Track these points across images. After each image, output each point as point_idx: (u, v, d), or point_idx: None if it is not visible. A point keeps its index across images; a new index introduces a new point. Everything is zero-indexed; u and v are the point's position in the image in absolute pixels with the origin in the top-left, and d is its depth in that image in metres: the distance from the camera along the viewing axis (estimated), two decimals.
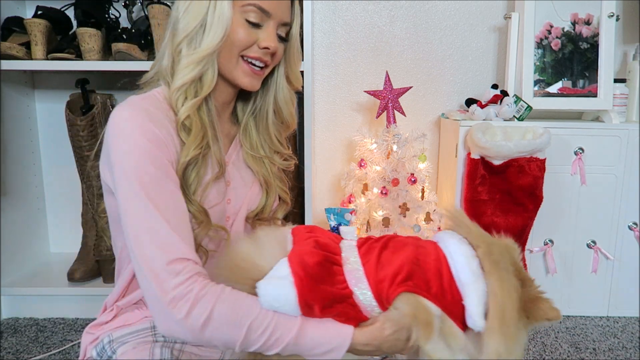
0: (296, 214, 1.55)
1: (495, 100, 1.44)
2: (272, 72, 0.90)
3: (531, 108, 1.41)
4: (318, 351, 0.71)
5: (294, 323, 0.70)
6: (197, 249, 0.77)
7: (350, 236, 0.79)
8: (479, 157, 1.36)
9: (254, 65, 0.82)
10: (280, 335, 0.69)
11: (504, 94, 1.46)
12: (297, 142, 1.59)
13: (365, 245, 0.76)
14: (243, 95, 0.94)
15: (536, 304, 0.67)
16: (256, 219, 0.95)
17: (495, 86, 1.49)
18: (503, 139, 1.34)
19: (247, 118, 0.93)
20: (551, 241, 1.49)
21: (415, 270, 0.69)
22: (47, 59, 1.37)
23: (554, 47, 1.51)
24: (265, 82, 0.90)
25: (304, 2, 1.31)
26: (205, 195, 0.81)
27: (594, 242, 1.49)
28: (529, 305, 0.67)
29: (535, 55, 1.50)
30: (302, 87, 1.36)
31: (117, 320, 0.85)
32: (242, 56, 0.81)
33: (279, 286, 0.67)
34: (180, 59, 0.79)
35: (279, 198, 0.98)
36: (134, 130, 0.72)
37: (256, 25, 0.80)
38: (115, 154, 0.72)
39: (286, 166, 0.97)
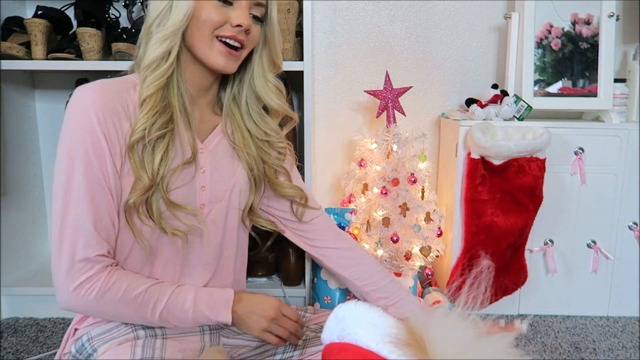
0: None
1: (495, 100, 1.44)
2: (249, 58, 0.91)
3: (531, 108, 1.41)
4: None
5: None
6: (169, 233, 0.83)
7: None
8: (479, 157, 1.36)
9: (229, 45, 0.83)
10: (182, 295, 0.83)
11: (504, 93, 1.46)
12: (297, 142, 1.59)
13: None
14: (224, 84, 0.95)
15: None
16: (250, 215, 0.97)
17: (495, 86, 1.49)
18: (503, 138, 1.34)
19: (229, 106, 0.94)
20: (551, 241, 1.49)
21: None
22: (47, 59, 1.37)
23: (554, 47, 1.51)
24: (241, 68, 0.91)
25: (304, 2, 1.31)
26: (172, 181, 0.83)
27: (594, 242, 1.49)
28: None
29: (535, 55, 1.50)
30: (302, 86, 1.36)
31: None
32: (217, 37, 0.83)
33: None
34: (150, 39, 0.82)
35: (289, 196, 1.00)
36: (84, 113, 0.77)
37: (227, 3, 0.82)
38: (62, 131, 0.78)
39: (276, 163, 0.96)
